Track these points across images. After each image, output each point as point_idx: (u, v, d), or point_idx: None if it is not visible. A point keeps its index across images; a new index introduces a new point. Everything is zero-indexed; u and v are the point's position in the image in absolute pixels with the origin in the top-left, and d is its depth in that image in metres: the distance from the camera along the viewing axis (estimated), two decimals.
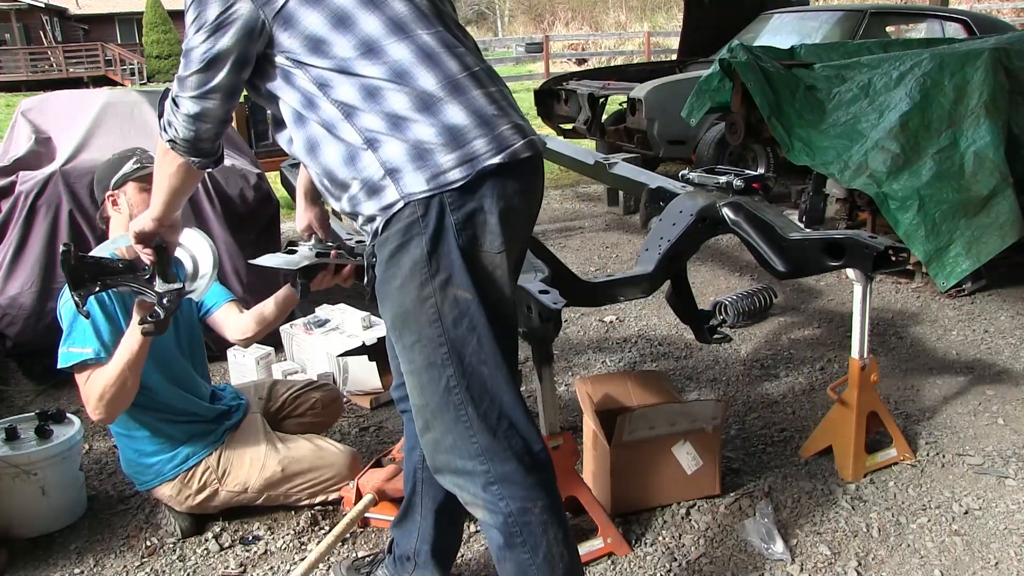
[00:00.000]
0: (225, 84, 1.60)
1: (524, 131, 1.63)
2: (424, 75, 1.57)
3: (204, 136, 1.67)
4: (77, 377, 2.28)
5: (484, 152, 1.56)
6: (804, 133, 4.22)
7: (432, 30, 1.61)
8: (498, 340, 1.60)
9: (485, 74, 1.65)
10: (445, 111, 1.56)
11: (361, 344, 3.47)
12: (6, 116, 15.07)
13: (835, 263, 2.56)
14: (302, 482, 2.54)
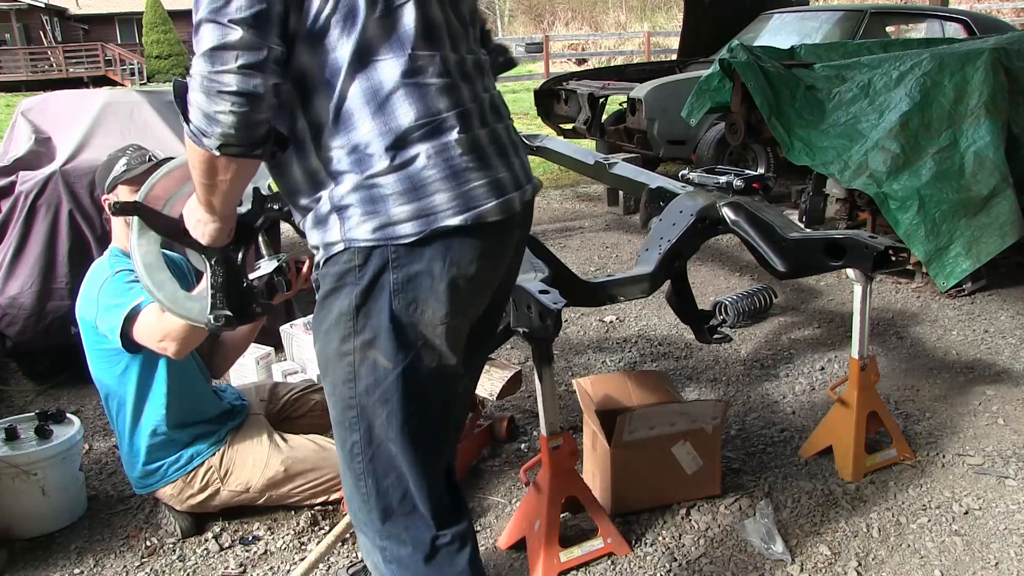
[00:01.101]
0: None
1: (502, 187, 1.43)
2: (404, 107, 1.36)
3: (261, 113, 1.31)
4: (139, 323, 2.18)
5: (444, 209, 1.37)
6: (804, 133, 4.22)
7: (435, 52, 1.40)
8: (416, 417, 1.45)
9: (480, 110, 1.45)
10: (410, 153, 1.37)
11: None
12: (6, 116, 15.08)
13: (835, 263, 2.56)
14: (304, 482, 2.54)
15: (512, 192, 1.46)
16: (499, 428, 3.01)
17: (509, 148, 1.50)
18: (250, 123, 1.30)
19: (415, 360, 1.44)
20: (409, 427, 1.46)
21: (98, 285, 2.31)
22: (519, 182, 1.49)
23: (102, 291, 2.29)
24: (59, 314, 3.41)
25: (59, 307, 3.42)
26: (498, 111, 1.52)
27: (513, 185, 1.47)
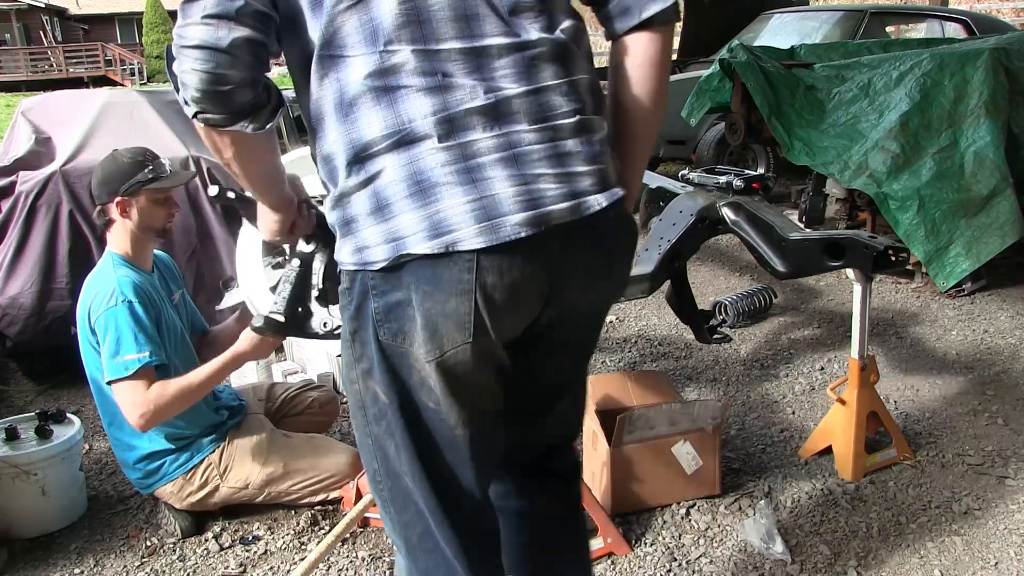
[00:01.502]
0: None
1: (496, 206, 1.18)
2: (368, 115, 1.19)
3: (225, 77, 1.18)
4: (126, 384, 2.25)
5: (411, 233, 1.19)
6: (804, 133, 4.22)
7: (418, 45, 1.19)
8: (425, 455, 1.32)
9: (490, 111, 1.20)
10: (375, 168, 1.20)
11: None
12: (6, 116, 15.08)
13: (835, 263, 2.56)
14: (303, 479, 2.54)
15: (522, 211, 1.19)
16: None
17: (539, 156, 1.22)
18: (217, 83, 1.16)
19: (413, 396, 1.30)
20: (420, 464, 1.32)
21: (103, 305, 2.29)
22: (545, 198, 1.21)
23: (109, 318, 2.27)
24: (59, 314, 3.41)
25: (59, 307, 3.42)
26: (537, 110, 1.23)
27: (527, 203, 1.19)
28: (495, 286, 1.20)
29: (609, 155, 1.32)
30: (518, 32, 1.23)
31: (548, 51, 1.25)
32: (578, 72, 1.29)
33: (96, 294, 2.32)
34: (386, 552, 2.42)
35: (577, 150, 1.25)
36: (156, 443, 2.44)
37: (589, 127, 1.28)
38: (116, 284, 2.30)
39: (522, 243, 1.19)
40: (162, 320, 2.40)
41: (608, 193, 1.27)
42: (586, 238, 1.27)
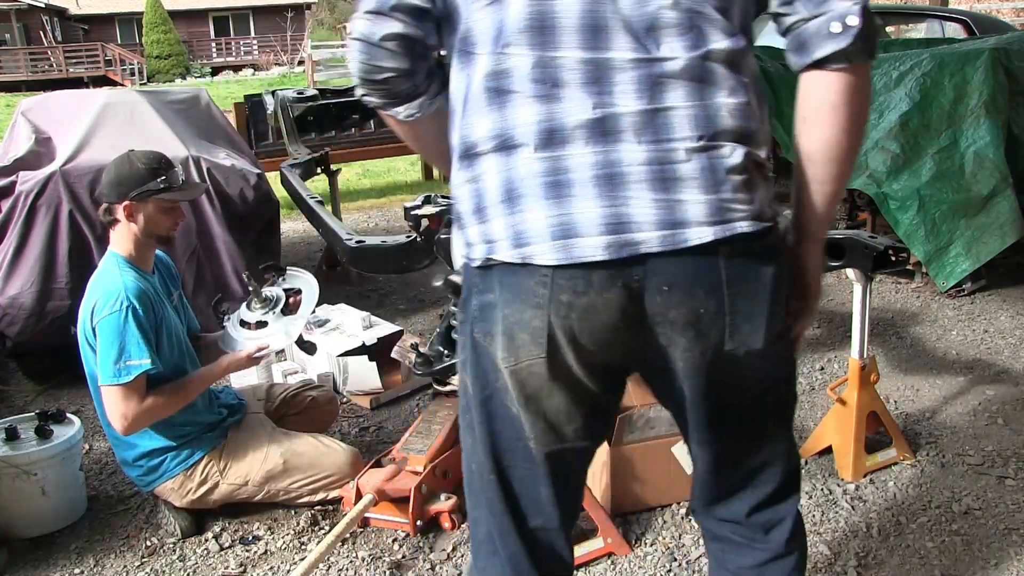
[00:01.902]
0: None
1: (574, 226, 1.16)
2: (479, 114, 1.22)
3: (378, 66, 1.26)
4: (118, 389, 2.27)
5: (500, 239, 1.20)
6: None
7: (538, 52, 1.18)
8: (495, 461, 1.33)
9: (595, 126, 1.16)
10: (479, 169, 1.23)
11: (361, 344, 3.47)
12: (6, 116, 15.08)
13: (835, 263, 2.56)
14: (303, 477, 2.54)
15: (604, 234, 1.15)
16: None
17: (639, 178, 1.16)
18: (372, 72, 1.25)
19: (495, 397, 1.29)
20: (492, 465, 1.32)
21: (107, 308, 2.29)
22: (633, 224, 1.16)
23: (112, 322, 2.27)
24: (59, 314, 3.41)
25: (59, 307, 3.42)
26: (651, 131, 1.17)
27: (612, 226, 1.15)
28: (571, 305, 1.18)
29: (751, 189, 1.20)
30: (650, 49, 1.17)
31: (683, 71, 1.17)
32: (720, 95, 1.19)
33: (101, 296, 2.32)
34: (386, 552, 2.42)
35: (692, 177, 1.16)
36: (156, 440, 2.44)
37: (718, 154, 1.17)
38: (122, 287, 2.30)
39: (599, 266, 1.16)
40: (163, 324, 2.41)
41: (723, 227, 1.16)
42: (683, 273, 1.18)
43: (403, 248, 2.73)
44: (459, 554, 2.40)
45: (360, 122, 5.64)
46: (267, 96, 5.09)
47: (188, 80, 28.52)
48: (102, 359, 2.27)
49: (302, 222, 5.99)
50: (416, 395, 3.47)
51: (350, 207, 7.27)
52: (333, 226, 3.18)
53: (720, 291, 1.19)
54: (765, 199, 1.23)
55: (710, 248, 1.17)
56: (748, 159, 1.20)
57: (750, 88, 1.24)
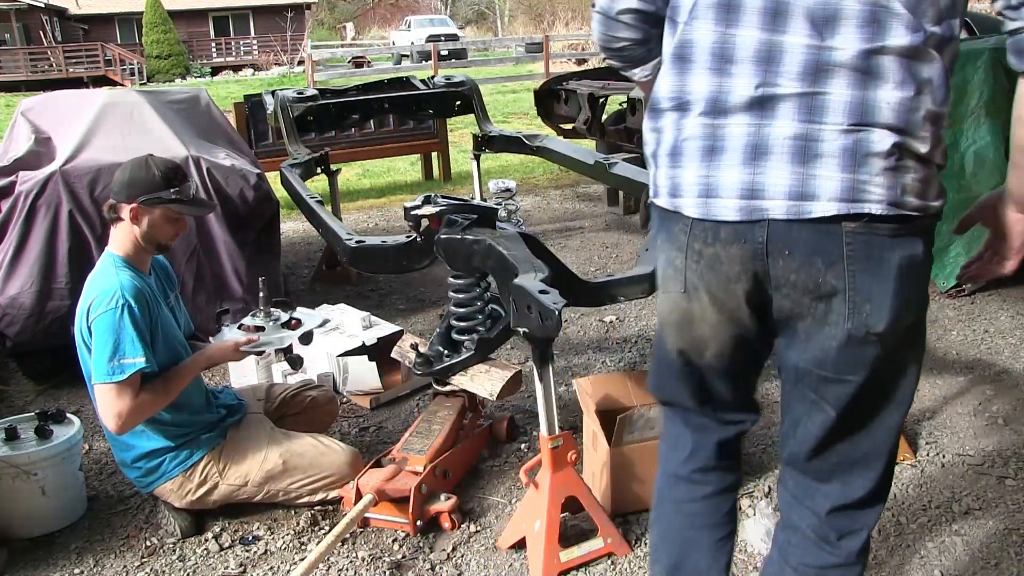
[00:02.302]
0: None
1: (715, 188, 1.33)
2: (666, 76, 1.39)
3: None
4: (111, 387, 2.26)
5: (662, 187, 1.42)
6: None
7: (719, 28, 1.31)
8: (660, 360, 1.59)
9: (756, 102, 1.29)
10: (661, 122, 1.41)
11: (361, 344, 3.47)
12: (6, 116, 15.08)
13: None
14: (302, 477, 2.54)
15: (737, 198, 1.30)
16: (499, 428, 3.01)
17: (781, 151, 1.28)
18: (609, 41, 1.51)
19: (661, 315, 1.55)
20: (656, 360, 1.64)
21: (103, 306, 2.29)
22: (766, 191, 1.29)
23: (107, 320, 2.27)
24: (59, 314, 3.41)
25: (59, 307, 3.42)
26: (804, 112, 1.27)
27: (746, 191, 1.30)
28: (701, 253, 1.38)
29: (896, 175, 1.26)
30: (824, 36, 1.25)
31: (849, 61, 1.25)
32: (884, 89, 1.25)
33: (97, 295, 2.32)
34: (386, 552, 2.42)
35: (832, 155, 1.26)
36: (155, 441, 2.44)
37: (865, 139, 1.25)
38: (118, 286, 2.30)
39: (728, 224, 1.33)
40: (159, 324, 2.40)
41: (851, 205, 1.25)
42: (804, 241, 1.29)
43: (403, 248, 2.73)
44: (459, 554, 2.40)
45: (360, 122, 5.63)
46: (267, 96, 5.09)
47: (188, 80, 28.51)
48: (96, 357, 2.27)
49: (302, 222, 5.99)
50: (416, 395, 3.48)
51: (350, 207, 7.27)
52: (333, 226, 3.18)
53: (840, 265, 1.28)
54: (915, 189, 1.27)
55: (833, 223, 1.26)
56: (900, 149, 1.26)
57: (929, 82, 1.27)
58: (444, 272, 2.70)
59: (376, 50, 32.44)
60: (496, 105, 14.43)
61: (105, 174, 3.56)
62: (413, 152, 8.24)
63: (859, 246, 1.27)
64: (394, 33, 36.82)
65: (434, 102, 5.17)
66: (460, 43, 24.38)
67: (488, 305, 2.67)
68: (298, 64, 29.20)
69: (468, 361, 2.61)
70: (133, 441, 2.45)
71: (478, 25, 46.16)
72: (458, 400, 2.80)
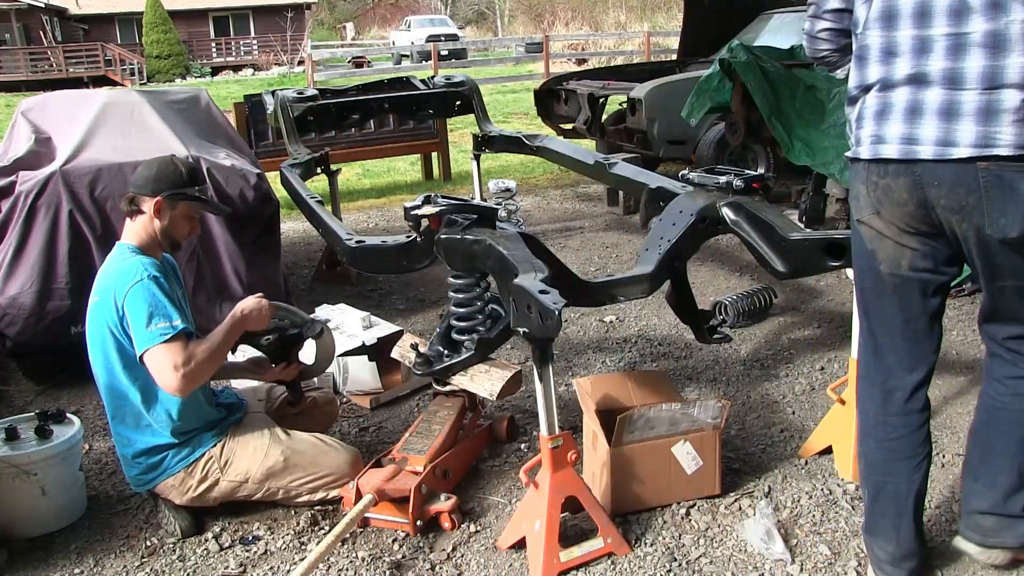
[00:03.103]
0: None
1: (881, 138, 1.90)
2: (853, 72, 2.00)
3: None
4: (161, 348, 2.27)
5: (853, 145, 2.01)
6: (804, 133, 4.22)
7: (885, 32, 1.89)
8: (865, 277, 2.06)
9: (912, 77, 1.85)
10: (857, 102, 1.98)
11: (361, 344, 3.47)
12: (6, 116, 15.08)
13: (835, 263, 2.56)
14: (303, 475, 2.54)
15: (899, 143, 1.87)
16: (499, 428, 3.01)
17: (931, 111, 1.83)
18: (814, 52, 2.19)
19: (855, 242, 2.08)
20: (859, 278, 2.10)
21: (129, 283, 2.33)
22: (919, 140, 1.84)
23: (138, 292, 2.31)
24: (59, 314, 3.42)
25: (59, 307, 3.42)
26: (948, 81, 1.80)
27: (905, 139, 1.86)
28: (876, 184, 1.94)
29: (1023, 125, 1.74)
30: (959, 24, 1.77)
31: (982, 40, 1.74)
32: (1011, 57, 1.72)
33: (117, 278, 2.36)
34: (386, 552, 2.42)
35: (969, 113, 1.77)
36: (158, 436, 2.45)
37: (996, 99, 1.75)
38: (139, 263, 2.36)
39: (892, 163, 1.89)
40: (182, 301, 2.48)
41: (983, 149, 1.76)
42: (947, 175, 1.82)
43: (403, 248, 2.73)
44: (459, 554, 2.40)
45: (360, 122, 5.64)
46: (267, 96, 5.09)
47: (188, 80, 28.50)
48: (135, 330, 2.30)
49: (302, 222, 5.99)
50: (416, 395, 3.48)
51: (350, 207, 7.27)
52: (333, 226, 3.18)
53: (978, 191, 1.79)
54: None
55: (970, 161, 1.78)
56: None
57: None
58: (444, 272, 2.71)
59: (376, 50, 32.44)
60: (496, 105, 14.43)
61: (105, 174, 3.56)
62: (413, 152, 8.25)
63: (991, 179, 1.77)
64: (394, 33, 36.83)
65: (434, 102, 5.17)
66: (460, 43, 24.39)
67: (488, 305, 2.67)
68: (298, 64, 29.19)
69: (468, 361, 2.61)
70: (137, 436, 2.45)
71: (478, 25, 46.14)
72: (458, 400, 2.80)
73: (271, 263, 3.95)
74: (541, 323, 2.00)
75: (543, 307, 1.97)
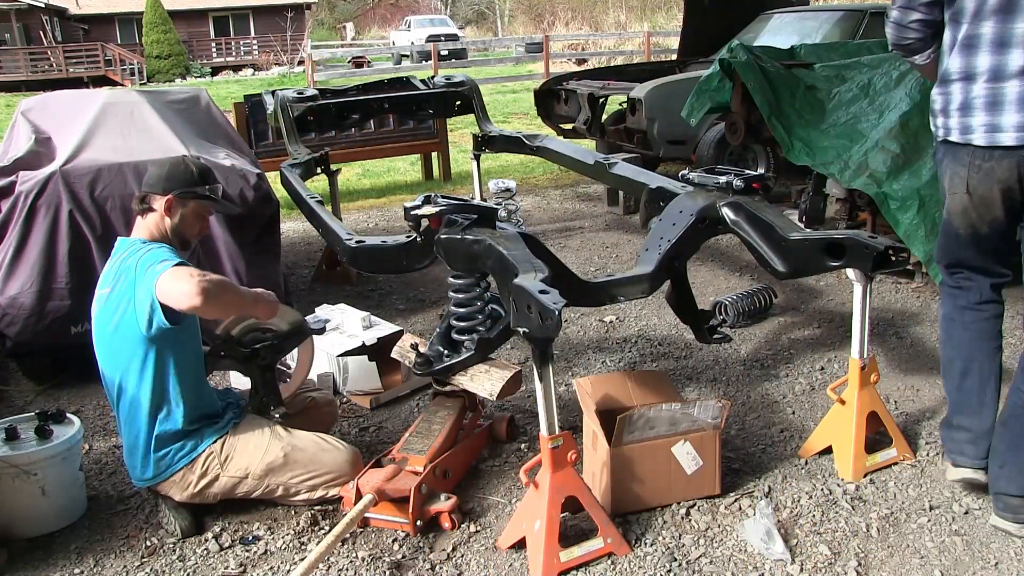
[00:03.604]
0: None
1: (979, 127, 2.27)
2: (954, 58, 2.29)
3: None
4: (172, 271, 2.24)
5: (954, 128, 2.35)
6: (804, 133, 4.21)
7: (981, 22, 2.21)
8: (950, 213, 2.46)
9: (996, 68, 2.20)
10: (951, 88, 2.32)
11: (361, 344, 3.47)
12: (6, 116, 15.08)
13: (835, 263, 2.56)
14: (303, 472, 2.54)
15: (1011, 131, 2.22)
16: (499, 428, 3.01)
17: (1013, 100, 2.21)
18: (900, 41, 2.47)
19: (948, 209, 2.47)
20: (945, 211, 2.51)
21: (138, 256, 2.37)
22: (1002, 127, 2.23)
23: (150, 256, 2.35)
24: (59, 314, 3.41)
25: (59, 307, 3.42)
26: None
27: (1019, 127, 2.21)
28: (978, 167, 2.32)
29: None
30: None
31: None
32: None
33: (127, 259, 2.40)
34: (386, 552, 2.42)
35: None
36: (167, 423, 2.45)
37: None
38: (157, 247, 2.41)
39: (988, 149, 2.28)
40: None
41: None
42: None
43: (403, 248, 2.73)
44: (459, 554, 2.40)
45: (360, 122, 5.64)
46: (267, 96, 5.09)
47: (188, 80, 28.49)
48: (146, 279, 2.30)
49: (302, 222, 5.99)
50: (416, 395, 3.48)
51: (350, 207, 7.27)
52: (333, 226, 3.18)
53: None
54: None
55: None
56: None
57: None
58: (444, 272, 2.71)
59: (376, 50, 32.43)
60: (496, 105, 14.43)
61: (105, 174, 3.56)
62: (413, 152, 8.25)
63: None
64: (394, 33, 36.82)
65: (434, 102, 5.17)
66: (460, 43, 24.39)
67: (488, 305, 2.67)
68: (298, 64, 29.20)
69: (468, 361, 2.61)
70: (145, 427, 2.46)
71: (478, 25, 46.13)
72: (458, 400, 2.80)
73: (271, 263, 3.95)
74: (541, 323, 2.00)
75: (543, 307, 1.97)
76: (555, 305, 1.96)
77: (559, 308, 1.95)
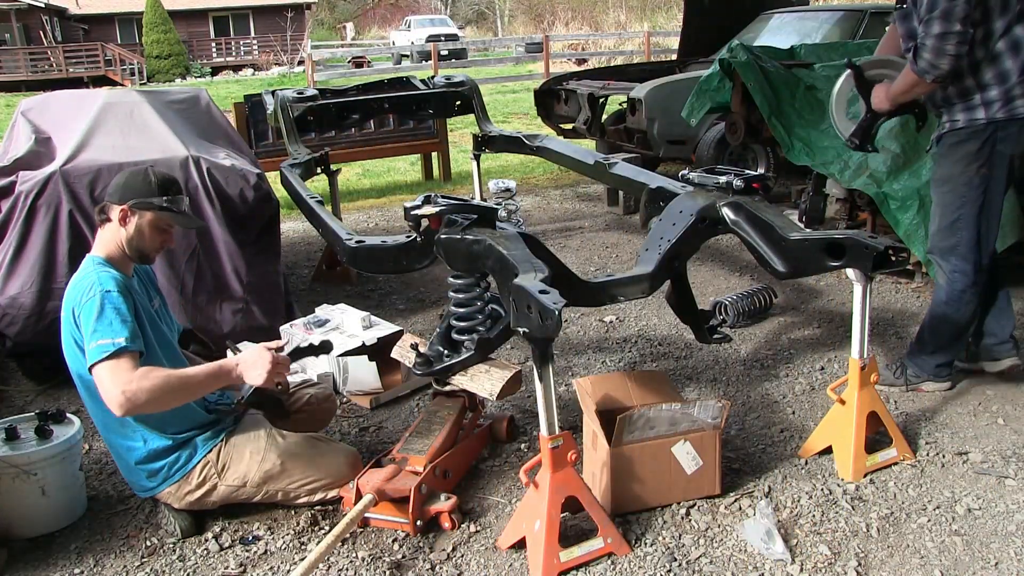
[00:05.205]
0: None
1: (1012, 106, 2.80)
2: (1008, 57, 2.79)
3: None
4: (105, 365, 2.18)
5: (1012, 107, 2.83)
6: (804, 133, 4.21)
7: None
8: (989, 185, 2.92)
9: None
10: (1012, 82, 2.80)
11: (361, 344, 3.47)
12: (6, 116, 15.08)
13: (835, 263, 2.56)
14: (301, 478, 2.54)
15: None
16: (499, 428, 3.01)
17: None
18: (934, 62, 2.73)
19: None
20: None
21: (83, 297, 2.29)
22: None
23: (89, 308, 2.26)
24: (59, 314, 3.40)
25: (59, 307, 3.38)
26: None
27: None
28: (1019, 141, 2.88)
29: None
30: None
31: None
32: None
33: (76, 292, 2.34)
34: (386, 552, 2.42)
35: None
36: (153, 441, 2.44)
37: None
38: (96, 278, 2.33)
39: None
40: (142, 313, 2.41)
41: None
42: None
43: (403, 248, 2.73)
44: (459, 554, 2.40)
45: (360, 122, 5.64)
46: (267, 96, 5.09)
47: (188, 80, 28.50)
48: (86, 344, 2.25)
49: (302, 222, 5.99)
50: (416, 395, 3.48)
51: (350, 207, 7.27)
52: (333, 226, 3.18)
53: None
54: None
55: None
56: None
57: None
58: (444, 272, 2.70)
59: (376, 50, 32.43)
60: (496, 105, 14.43)
61: (105, 174, 3.56)
62: (413, 152, 8.25)
63: None
64: (394, 33, 36.82)
65: (434, 102, 5.17)
66: (460, 43, 24.38)
67: (488, 305, 2.67)
68: (298, 64, 29.19)
69: (468, 361, 2.61)
70: (133, 443, 2.45)
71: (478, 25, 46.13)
72: (458, 400, 2.80)
73: (271, 263, 3.95)
74: (541, 323, 2.00)
75: (543, 307, 1.97)
76: (555, 305, 1.95)
77: (559, 308, 1.95)
